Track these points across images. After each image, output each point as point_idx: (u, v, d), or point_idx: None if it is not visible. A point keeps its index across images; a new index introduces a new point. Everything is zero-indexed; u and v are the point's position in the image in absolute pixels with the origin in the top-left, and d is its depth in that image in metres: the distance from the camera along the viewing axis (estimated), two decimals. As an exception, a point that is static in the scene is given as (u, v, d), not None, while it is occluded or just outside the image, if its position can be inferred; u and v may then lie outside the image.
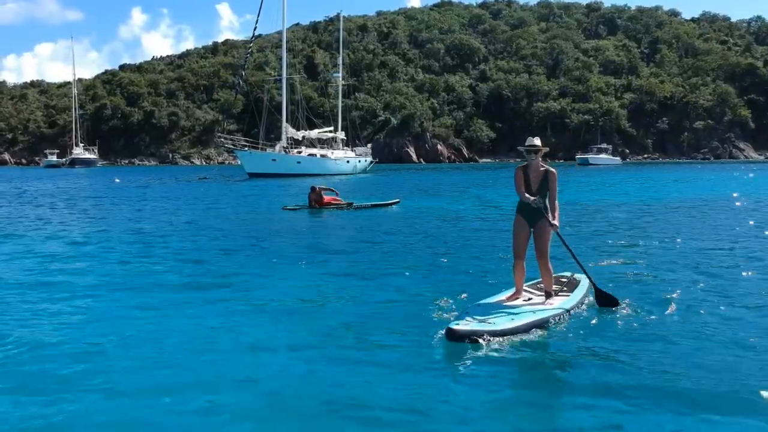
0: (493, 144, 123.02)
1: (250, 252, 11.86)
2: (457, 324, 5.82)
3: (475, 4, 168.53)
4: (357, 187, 34.51)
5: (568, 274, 7.97)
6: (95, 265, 10.50)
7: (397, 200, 23.32)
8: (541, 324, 6.19)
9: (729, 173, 52.39)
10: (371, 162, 68.14)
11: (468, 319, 5.99)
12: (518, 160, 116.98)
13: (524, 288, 7.07)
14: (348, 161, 61.88)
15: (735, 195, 25.86)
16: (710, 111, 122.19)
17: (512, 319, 6.05)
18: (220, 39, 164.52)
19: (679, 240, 12.69)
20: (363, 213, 19.79)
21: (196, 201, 27.32)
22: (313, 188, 21.16)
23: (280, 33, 60.05)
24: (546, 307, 6.56)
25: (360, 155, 65.93)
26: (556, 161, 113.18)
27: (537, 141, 6.95)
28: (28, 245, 13.14)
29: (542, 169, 6.85)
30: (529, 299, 6.89)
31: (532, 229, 6.82)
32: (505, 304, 6.68)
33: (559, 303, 6.76)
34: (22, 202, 27.27)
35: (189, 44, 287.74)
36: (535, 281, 7.47)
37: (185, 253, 11.69)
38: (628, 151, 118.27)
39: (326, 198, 20.85)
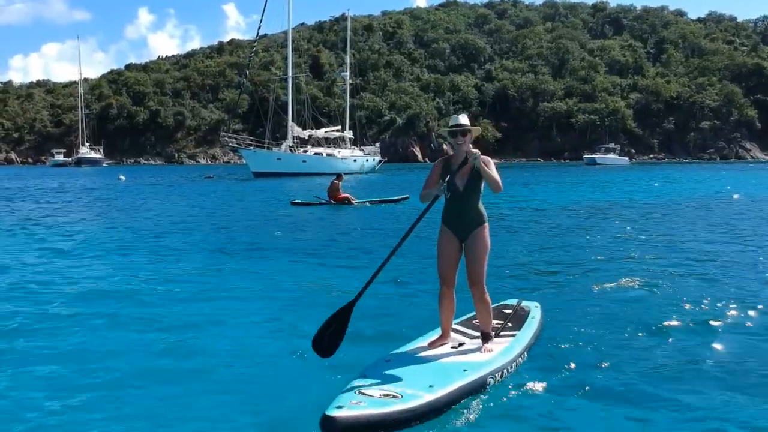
0: (499, 144, 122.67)
1: (243, 246, 11.92)
2: (339, 408, 3.62)
3: (480, 4, 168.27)
4: (364, 186, 34.44)
5: (513, 302, 6.04)
6: (105, 259, 10.57)
7: (406, 196, 23.06)
8: (476, 389, 4.24)
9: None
10: (380, 161, 67.57)
11: (360, 391, 3.85)
12: (523, 160, 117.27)
13: (453, 326, 5.15)
14: (355, 160, 61.38)
15: None
16: (716, 111, 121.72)
17: (430, 387, 3.99)
18: (226, 39, 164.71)
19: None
20: (371, 209, 19.72)
21: (201, 198, 27.32)
22: (339, 175, 21.25)
23: (285, 33, 59.98)
24: (482, 359, 4.55)
25: (368, 154, 65.50)
26: (563, 161, 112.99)
27: (463, 119, 5.12)
28: (31, 242, 13.16)
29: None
30: (460, 345, 4.89)
31: (462, 245, 4.91)
32: (423, 355, 4.63)
33: (502, 350, 4.78)
34: (35, 200, 27.35)
35: (195, 44, 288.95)
36: (470, 315, 5.46)
37: (183, 248, 11.69)
38: (634, 151, 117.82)
39: (341, 194, 20.77)
